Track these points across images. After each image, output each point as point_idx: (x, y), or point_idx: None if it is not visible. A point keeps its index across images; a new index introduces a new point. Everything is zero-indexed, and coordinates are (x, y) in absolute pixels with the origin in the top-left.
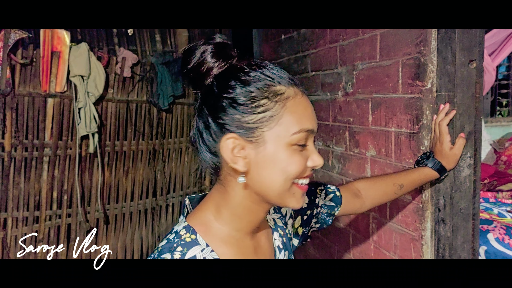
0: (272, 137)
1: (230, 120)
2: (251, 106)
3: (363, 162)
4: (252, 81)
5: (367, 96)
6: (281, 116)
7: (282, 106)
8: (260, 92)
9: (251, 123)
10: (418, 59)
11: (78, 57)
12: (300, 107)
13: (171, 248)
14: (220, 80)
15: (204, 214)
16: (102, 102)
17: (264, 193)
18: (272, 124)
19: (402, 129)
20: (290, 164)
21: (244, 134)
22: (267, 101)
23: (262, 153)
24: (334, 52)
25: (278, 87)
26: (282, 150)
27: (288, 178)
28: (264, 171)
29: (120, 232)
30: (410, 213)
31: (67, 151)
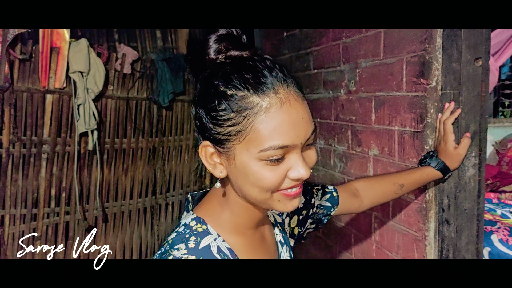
0: (242, 150)
1: (204, 128)
2: (221, 119)
3: (366, 161)
4: (226, 92)
5: (370, 95)
6: (249, 132)
7: (250, 121)
8: (231, 105)
9: (221, 135)
10: (423, 57)
11: (78, 53)
12: (274, 122)
13: (183, 238)
14: (203, 84)
15: (210, 207)
16: (101, 99)
17: (248, 198)
18: (241, 138)
19: (406, 128)
20: (260, 179)
21: (216, 144)
22: (236, 115)
23: (233, 165)
24: (337, 50)
25: (250, 99)
26: (252, 164)
27: (262, 190)
28: (239, 181)
29: (119, 231)
30: (413, 213)
31: (66, 148)
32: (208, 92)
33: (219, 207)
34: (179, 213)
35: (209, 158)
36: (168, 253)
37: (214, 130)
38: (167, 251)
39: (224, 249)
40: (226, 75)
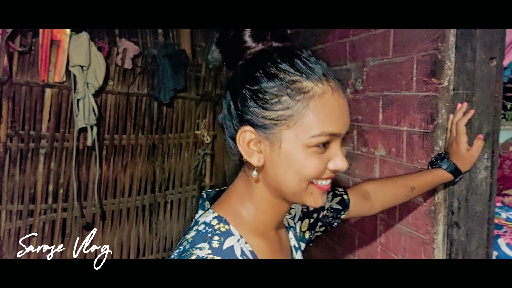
0: (289, 136)
1: (249, 112)
2: (271, 102)
3: (372, 161)
4: (278, 75)
5: (378, 94)
6: (301, 117)
7: (304, 105)
8: (283, 88)
9: (268, 119)
10: (435, 56)
11: (78, 47)
12: (326, 108)
13: (206, 238)
14: (246, 68)
15: (231, 205)
16: (101, 94)
17: (279, 190)
18: (290, 123)
19: (415, 128)
20: (305, 166)
21: (261, 129)
22: (288, 99)
23: (277, 151)
24: (343, 48)
25: (304, 84)
26: (299, 151)
27: (303, 180)
28: (278, 169)
29: (116, 229)
30: (421, 215)
31: (65, 144)
32: (255, 75)
33: (240, 205)
34: (178, 212)
35: (246, 144)
36: (189, 252)
37: (260, 114)
38: (187, 250)
39: (247, 252)
40: (275, 60)
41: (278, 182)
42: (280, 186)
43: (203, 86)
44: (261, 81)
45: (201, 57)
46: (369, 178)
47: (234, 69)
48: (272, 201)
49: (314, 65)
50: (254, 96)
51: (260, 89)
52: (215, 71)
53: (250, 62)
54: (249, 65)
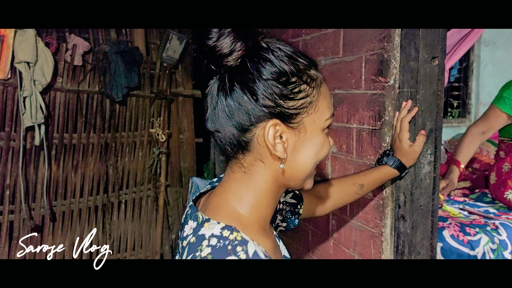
0: (310, 122)
1: (273, 104)
2: (293, 92)
3: (324, 158)
4: (295, 65)
5: (330, 92)
6: (318, 102)
7: (318, 92)
8: (299, 77)
9: (292, 109)
10: (382, 55)
11: (24, 42)
12: (327, 92)
13: (228, 251)
14: (256, 61)
15: (230, 209)
16: (50, 92)
17: (294, 176)
18: (310, 110)
19: (364, 126)
20: (323, 147)
21: (285, 120)
22: (307, 87)
23: (302, 138)
24: (295, 47)
25: (312, 72)
26: (318, 134)
27: (317, 161)
28: (300, 155)
29: (68, 230)
30: (370, 209)
31: (10, 143)
32: (272, 68)
33: (239, 204)
34: (132, 212)
35: (273, 138)
36: None
37: (284, 105)
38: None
39: (263, 254)
40: (283, 53)
41: (296, 169)
42: (297, 173)
43: (158, 84)
44: (281, 72)
45: (156, 55)
46: (321, 174)
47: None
48: (274, 191)
49: (306, 55)
50: (278, 87)
51: (282, 80)
52: (170, 69)
53: (253, 55)
54: (258, 58)
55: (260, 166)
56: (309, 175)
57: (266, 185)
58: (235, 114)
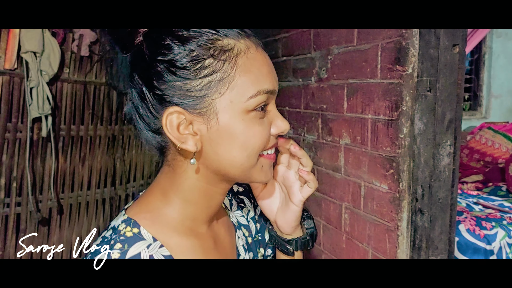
0: (224, 105)
1: (169, 89)
2: (193, 69)
3: (337, 150)
4: (192, 36)
5: (343, 82)
6: (233, 78)
7: (232, 65)
8: (203, 50)
9: (196, 90)
10: (399, 43)
11: (30, 32)
12: (255, 64)
13: (103, 248)
14: (151, 39)
15: (148, 202)
16: (56, 83)
17: (224, 172)
18: (222, 89)
19: (380, 116)
20: (250, 137)
21: (189, 106)
22: (213, 61)
23: (215, 127)
24: (307, 36)
25: (225, 41)
26: (239, 120)
27: (252, 154)
28: (221, 148)
29: (75, 223)
30: (385, 203)
31: (17, 135)
32: (165, 43)
33: (163, 201)
34: None
35: (176, 129)
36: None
37: (184, 87)
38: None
39: (158, 257)
40: (181, 28)
41: (221, 163)
42: (225, 168)
43: None
44: (173, 48)
45: None
46: (334, 166)
47: (130, 49)
48: (206, 189)
49: (227, 28)
50: (171, 68)
51: (176, 57)
52: None
53: (152, 32)
54: (153, 36)
55: (181, 160)
56: (247, 169)
57: (191, 182)
58: (140, 108)
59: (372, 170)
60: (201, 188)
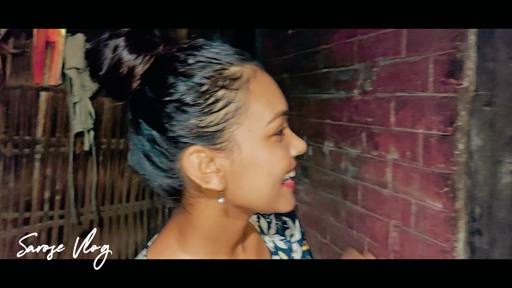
0: (244, 135)
1: (184, 129)
2: (206, 104)
3: (383, 165)
4: (196, 70)
5: (390, 95)
6: (248, 106)
7: (245, 92)
8: (212, 82)
9: (213, 125)
10: (453, 55)
11: (74, 48)
12: (265, 87)
13: None
14: (152, 80)
15: (166, 242)
16: (98, 97)
17: (249, 204)
18: (240, 119)
19: (433, 131)
20: (275, 162)
21: (208, 142)
22: (226, 92)
23: (238, 159)
24: (350, 48)
25: (231, 69)
26: (261, 147)
27: (276, 181)
28: (246, 180)
29: (114, 235)
30: (440, 222)
31: (61, 149)
32: (169, 81)
33: (180, 239)
34: None
35: (199, 169)
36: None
37: (200, 125)
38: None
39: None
40: (183, 58)
41: (246, 197)
42: (250, 200)
43: None
44: (180, 85)
45: None
46: (381, 182)
47: (127, 96)
48: (225, 224)
49: (226, 48)
50: (182, 107)
51: (186, 95)
52: None
53: (151, 73)
54: (153, 76)
55: (200, 202)
56: (272, 198)
57: (210, 220)
58: (151, 154)
59: (424, 187)
60: (221, 224)
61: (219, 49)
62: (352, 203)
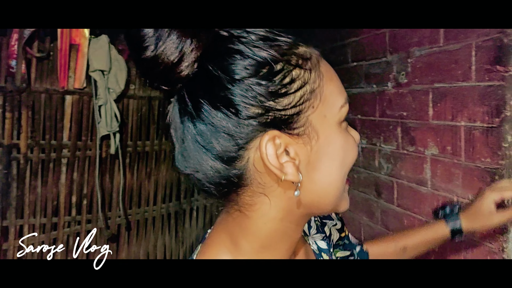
0: (320, 120)
1: (258, 111)
2: (283, 84)
3: (421, 161)
4: (266, 47)
5: (427, 87)
6: (322, 89)
7: (317, 74)
8: (287, 61)
9: (290, 108)
10: (500, 40)
11: (98, 50)
12: (331, 71)
13: None
14: (218, 59)
15: (214, 251)
16: (123, 99)
17: (317, 203)
18: (315, 102)
19: (476, 123)
20: (349, 151)
21: (285, 127)
22: (301, 72)
23: (316, 147)
24: (382, 39)
25: (301, 49)
26: (337, 134)
27: (345, 172)
28: (319, 172)
29: (142, 239)
30: None
31: (87, 152)
32: (244, 55)
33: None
34: (204, 218)
35: (276, 158)
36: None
37: (278, 107)
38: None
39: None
40: (253, 38)
41: (318, 193)
42: (320, 197)
43: None
44: (259, 62)
45: None
46: (419, 179)
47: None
48: (287, 230)
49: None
50: (258, 87)
51: (264, 73)
52: None
53: (213, 53)
54: (219, 56)
55: (261, 202)
56: (340, 193)
57: (271, 225)
58: (213, 141)
59: (468, 184)
60: (283, 230)
61: (276, 31)
62: (387, 202)
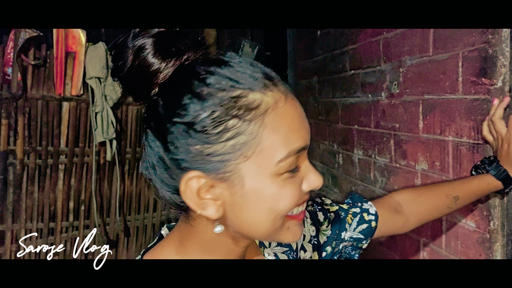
0: (250, 169)
1: (187, 153)
2: (215, 132)
3: (412, 176)
4: (213, 93)
5: (417, 98)
6: (260, 140)
7: (259, 125)
8: (225, 110)
9: (218, 155)
10: (485, 51)
11: (95, 58)
12: (285, 119)
13: None
14: (167, 95)
15: (164, 248)
16: (121, 106)
17: (247, 234)
18: (248, 153)
19: (463, 139)
20: (281, 199)
21: (211, 170)
22: (237, 122)
23: (240, 192)
24: (376, 47)
25: (250, 97)
26: (269, 183)
27: (278, 216)
28: (245, 212)
29: (141, 245)
30: (473, 243)
31: (84, 159)
32: (182, 102)
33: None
34: None
35: (196, 195)
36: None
37: (204, 152)
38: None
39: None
40: (203, 75)
41: (244, 228)
42: (248, 231)
43: None
44: (192, 108)
45: None
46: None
47: (145, 98)
48: (226, 243)
49: (253, 69)
50: (189, 131)
51: (195, 119)
52: None
53: (168, 85)
54: (169, 91)
55: (201, 219)
56: (272, 232)
57: (208, 236)
58: (157, 167)
59: None
60: (219, 241)
61: (245, 68)
62: None
